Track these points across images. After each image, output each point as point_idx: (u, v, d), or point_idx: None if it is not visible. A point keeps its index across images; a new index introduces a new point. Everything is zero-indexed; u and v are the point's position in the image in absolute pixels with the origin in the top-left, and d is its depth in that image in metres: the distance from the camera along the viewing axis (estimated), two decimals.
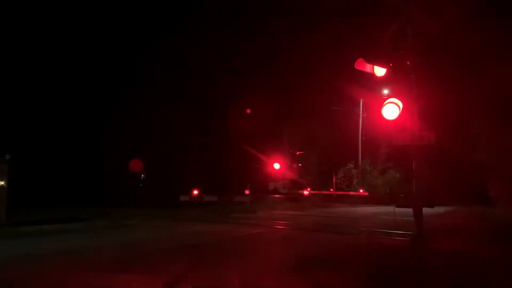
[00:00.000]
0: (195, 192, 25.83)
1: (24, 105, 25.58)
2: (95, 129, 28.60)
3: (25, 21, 25.67)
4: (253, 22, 33.72)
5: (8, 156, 11.85)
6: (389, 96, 8.06)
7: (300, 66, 34.67)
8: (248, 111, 29.80)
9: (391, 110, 7.60)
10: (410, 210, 8.07)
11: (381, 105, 7.73)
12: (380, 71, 8.24)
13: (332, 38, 31.92)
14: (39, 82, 26.73)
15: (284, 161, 30.07)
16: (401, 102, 7.63)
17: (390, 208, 14.42)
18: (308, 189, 30.19)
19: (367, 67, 8.29)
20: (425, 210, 7.92)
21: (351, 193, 31.53)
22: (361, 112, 34.32)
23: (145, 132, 30.87)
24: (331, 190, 32.03)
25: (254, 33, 34.26)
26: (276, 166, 28.44)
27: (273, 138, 31.43)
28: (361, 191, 31.25)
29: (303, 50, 35.44)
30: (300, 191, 29.60)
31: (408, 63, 8.17)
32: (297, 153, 33.21)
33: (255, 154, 29.39)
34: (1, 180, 11.63)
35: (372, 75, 8.36)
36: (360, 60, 8.25)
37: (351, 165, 33.76)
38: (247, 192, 23.95)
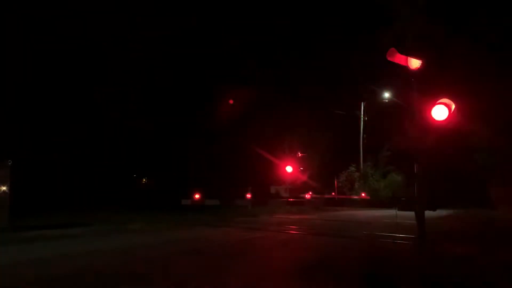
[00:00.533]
0: (197, 196, 25.82)
1: (25, 109, 25.67)
2: (95, 132, 28.63)
3: (27, 22, 25.80)
4: (257, 25, 33.88)
5: (10, 161, 11.88)
6: (389, 100, 7.99)
7: (300, 67, 34.77)
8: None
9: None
10: (412, 213, 8.05)
11: (383, 108, 7.65)
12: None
13: (334, 39, 32.02)
14: (39, 84, 26.80)
15: (286, 164, 30.04)
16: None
17: (392, 212, 14.41)
18: (310, 192, 30.16)
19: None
20: (427, 213, 7.90)
21: (353, 196, 31.50)
22: (362, 116, 34.35)
23: (145, 136, 30.92)
24: (333, 193, 32.00)
25: (256, 35, 34.42)
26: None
27: (275, 141, 31.44)
28: (363, 194, 31.21)
29: (303, 52, 35.54)
30: (302, 195, 29.58)
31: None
32: (299, 155, 33.19)
33: (257, 157, 29.39)
34: (3, 185, 11.65)
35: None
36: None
37: (353, 168, 33.73)
38: (248, 196, 23.92)
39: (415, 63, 7.65)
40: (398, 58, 7.66)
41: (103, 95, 29.11)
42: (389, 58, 7.60)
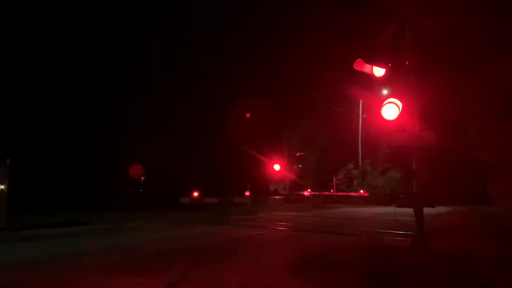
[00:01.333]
0: (195, 194, 25.83)
1: (24, 108, 25.63)
2: (94, 132, 28.59)
3: (26, 21, 25.77)
4: (253, 24, 33.87)
5: (8, 160, 11.85)
6: (388, 96, 8.03)
7: (299, 66, 34.76)
8: (248, 115, 29.88)
9: (391, 110, 7.55)
10: (411, 210, 8.05)
11: (380, 106, 7.72)
12: (379, 71, 8.11)
13: (331, 38, 32.03)
14: (39, 84, 26.77)
15: (285, 162, 30.08)
16: (401, 102, 7.60)
17: (391, 209, 14.43)
18: (309, 190, 30.17)
19: (366, 68, 8.16)
20: (426, 210, 7.90)
21: (352, 193, 31.52)
22: (360, 113, 34.37)
23: (144, 135, 30.89)
24: (332, 191, 32.02)
25: (254, 35, 34.44)
26: (276, 167, 28.42)
27: (273, 139, 31.45)
28: (361, 191, 31.24)
29: (302, 51, 35.54)
30: (301, 192, 29.60)
31: (407, 63, 8.13)
32: (297, 154, 33.20)
33: (255, 155, 29.39)
34: (2, 184, 11.63)
35: (371, 75, 8.23)
36: (359, 60, 8.10)
37: (352, 165, 33.73)
38: (247, 193, 23.93)
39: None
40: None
41: (103, 96, 29.15)
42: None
